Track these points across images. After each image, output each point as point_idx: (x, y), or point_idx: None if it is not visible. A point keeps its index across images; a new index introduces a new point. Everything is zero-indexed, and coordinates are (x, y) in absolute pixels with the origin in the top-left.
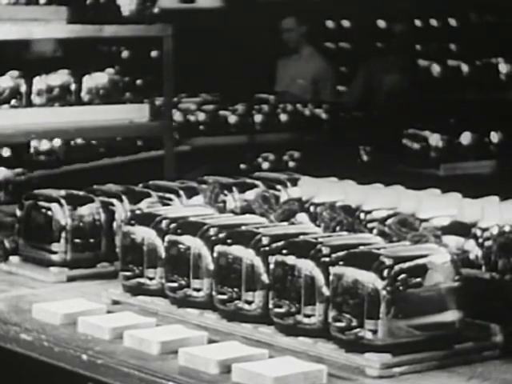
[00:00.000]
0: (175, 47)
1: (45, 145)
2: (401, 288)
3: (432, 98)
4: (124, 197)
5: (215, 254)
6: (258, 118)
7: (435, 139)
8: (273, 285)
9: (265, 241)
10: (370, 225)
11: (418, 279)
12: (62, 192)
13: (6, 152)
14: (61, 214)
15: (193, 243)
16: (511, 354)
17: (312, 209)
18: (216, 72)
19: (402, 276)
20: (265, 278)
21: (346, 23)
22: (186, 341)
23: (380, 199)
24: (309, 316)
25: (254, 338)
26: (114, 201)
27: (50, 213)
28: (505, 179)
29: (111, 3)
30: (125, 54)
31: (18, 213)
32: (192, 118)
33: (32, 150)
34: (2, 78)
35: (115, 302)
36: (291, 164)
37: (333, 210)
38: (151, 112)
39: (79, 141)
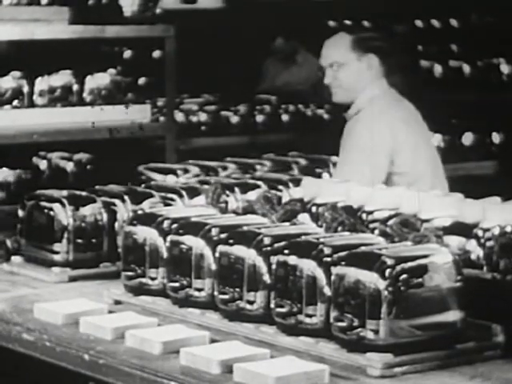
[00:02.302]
0: (177, 48)
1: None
2: (402, 288)
3: (433, 98)
4: (126, 197)
5: (217, 254)
6: (259, 118)
7: (437, 140)
8: (274, 285)
9: (267, 241)
10: (371, 225)
11: (420, 279)
12: (64, 192)
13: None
14: (63, 215)
15: (195, 243)
16: None
17: (314, 209)
18: (218, 73)
19: (404, 276)
20: (267, 278)
21: (347, 24)
22: (188, 341)
23: (382, 200)
24: (310, 316)
25: (255, 338)
26: (116, 201)
27: (52, 213)
28: (506, 180)
29: (113, 4)
30: (127, 54)
31: (20, 213)
32: (194, 118)
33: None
34: (4, 78)
35: (117, 302)
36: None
37: (335, 210)
38: (153, 112)
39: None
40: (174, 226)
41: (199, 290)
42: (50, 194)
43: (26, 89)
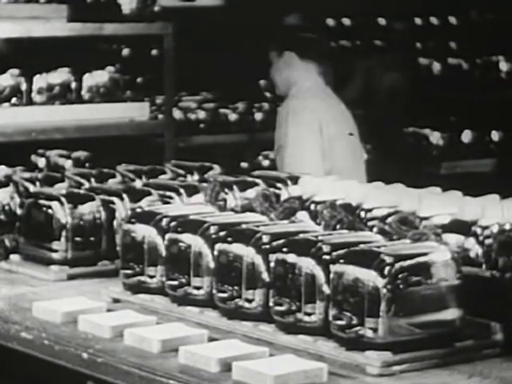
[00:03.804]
0: (176, 45)
1: None
2: (401, 286)
3: (432, 96)
4: (124, 195)
5: (216, 252)
6: (258, 116)
7: (436, 137)
8: (273, 283)
9: (265, 239)
10: (370, 223)
11: (419, 277)
12: (63, 190)
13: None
14: (61, 213)
15: (193, 241)
16: (511, 352)
17: (312, 207)
18: (216, 70)
19: (403, 274)
20: (265, 276)
21: (346, 21)
22: (187, 339)
23: (380, 197)
24: (309, 314)
25: (254, 336)
26: (115, 199)
27: (50, 211)
28: (505, 177)
29: (112, 1)
30: (125, 52)
31: (19, 211)
32: (192, 116)
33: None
34: (2, 76)
35: (115, 300)
36: None
37: (333, 208)
38: (151, 110)
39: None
40: (173, 224)
41: (198, 288)
42: (49, 191)
43: (24, 86)
